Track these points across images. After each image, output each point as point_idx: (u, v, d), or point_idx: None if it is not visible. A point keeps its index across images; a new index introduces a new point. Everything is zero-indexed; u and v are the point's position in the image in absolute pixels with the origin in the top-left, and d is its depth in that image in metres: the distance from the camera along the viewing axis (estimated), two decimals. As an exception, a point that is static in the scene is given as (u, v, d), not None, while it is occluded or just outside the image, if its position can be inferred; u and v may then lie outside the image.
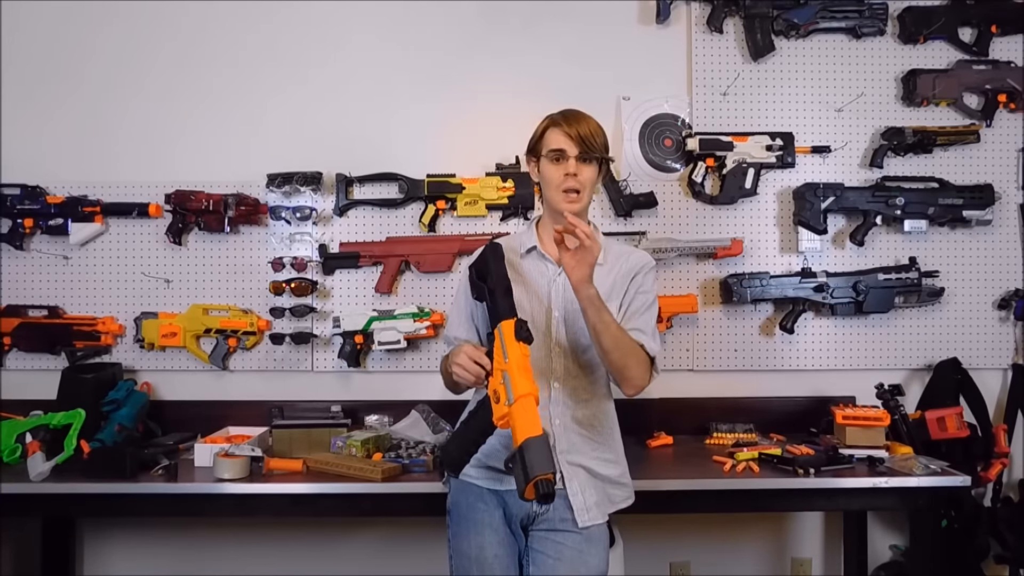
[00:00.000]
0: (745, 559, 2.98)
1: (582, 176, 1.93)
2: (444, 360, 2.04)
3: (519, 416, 1.69)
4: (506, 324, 1.78)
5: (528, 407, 1.70)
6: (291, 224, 2.86)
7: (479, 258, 1.93)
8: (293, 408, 2.81)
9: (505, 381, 1.73)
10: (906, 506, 2.42)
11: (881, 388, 2.70)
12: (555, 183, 1.94)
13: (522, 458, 1.64)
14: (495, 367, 1.77)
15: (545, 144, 1.96)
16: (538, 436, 1.66)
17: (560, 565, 1.89)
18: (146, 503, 2.37)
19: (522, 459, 1.64)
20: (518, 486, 1.66)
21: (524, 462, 1.64)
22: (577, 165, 1.92)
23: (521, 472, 1.64)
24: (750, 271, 2.86)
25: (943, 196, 2.85)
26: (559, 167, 1.93)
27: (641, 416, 2.65)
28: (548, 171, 1.95)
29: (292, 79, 2.93)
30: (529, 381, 1.72)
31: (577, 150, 1.92)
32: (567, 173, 1.92)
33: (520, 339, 1.75)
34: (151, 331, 2.83)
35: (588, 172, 1.94)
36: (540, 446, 1.65)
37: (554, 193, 1.95)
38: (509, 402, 1.70)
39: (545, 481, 1.63)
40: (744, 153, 2.86)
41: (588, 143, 1.92)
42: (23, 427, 2.50)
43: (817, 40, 2.93)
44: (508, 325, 1.78)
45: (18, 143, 2.91)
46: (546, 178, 1.96)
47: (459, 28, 2.93)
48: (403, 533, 2.91)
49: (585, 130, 1.93)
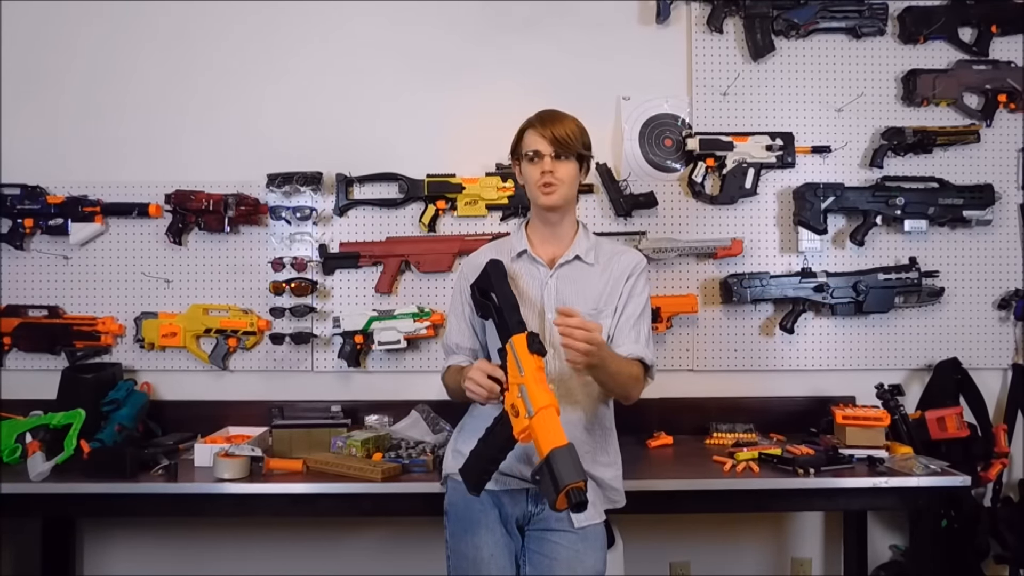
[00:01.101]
0: (745, 559, 2.97)
1: (559, 173, 1.98)
2: (446, 372, 2.05)
3: (541, 428, 1.69)
4: (518, 338, 1.80)
5: (550, 418, 1.70)
6: (291, 224, 2.86)
7: (481, 276, 1.96)
8: (293, 408, 2.82)
9: (523, 395, 1.73)
10: (906, 506, 2.42)
11: (881, 388, 2.70)
12: (533, 181, 2.00)
13: (550, 469, 1.64)
14: (511, 381, 1.77)
15: (524, 146, 2.02)
16: (564, 446, 1.66)
17: (556, 565, 1.89)
18: (146, 503, 2.37)
19: (550, 470, 1.64)
20: (548, 497, 1.65)
21: (553, 473, 1.63)
22: (553, 163, 1.97)
23: (551, 483, 1.64)
24: (750, 271, 2.86)
25: (943, 196, 2.85)
26: (536, 166, 1.99)
27: (641, 416, 2.64)
28: (527, 171, 2.02)
29: (292, 79, 2.93)
30: (548, 393, 1.73)
31: (551, 149, 1.97)
32: (543, 171, 1.97)
33: (534, 352, 1.76)
34: (151, 331, 2.83)
35: (565, 169, 1.98)
36: (567, 455, 1.65)
37: (533, 190, 2.01)
38: (529, 415, 1.71)
39: (576, 490, 1.63)
40: (744, 153, 2.86)
41: (563, 142, 1.97)
42: (23, 427, 2.50)
43: (817, 40, 2.93)
44: (520, 339, 1.79)
45: (18, 143, 2.91)
46: (526, 178, 2.03)
47: (459, 28, 2.93)
48: (403, 533, 2.91)
49: (560, 131, 1.97)
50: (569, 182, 1.99)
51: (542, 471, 1.66)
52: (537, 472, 1.67)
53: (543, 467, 1.65)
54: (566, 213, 2.04)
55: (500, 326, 1.87)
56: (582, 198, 2.86)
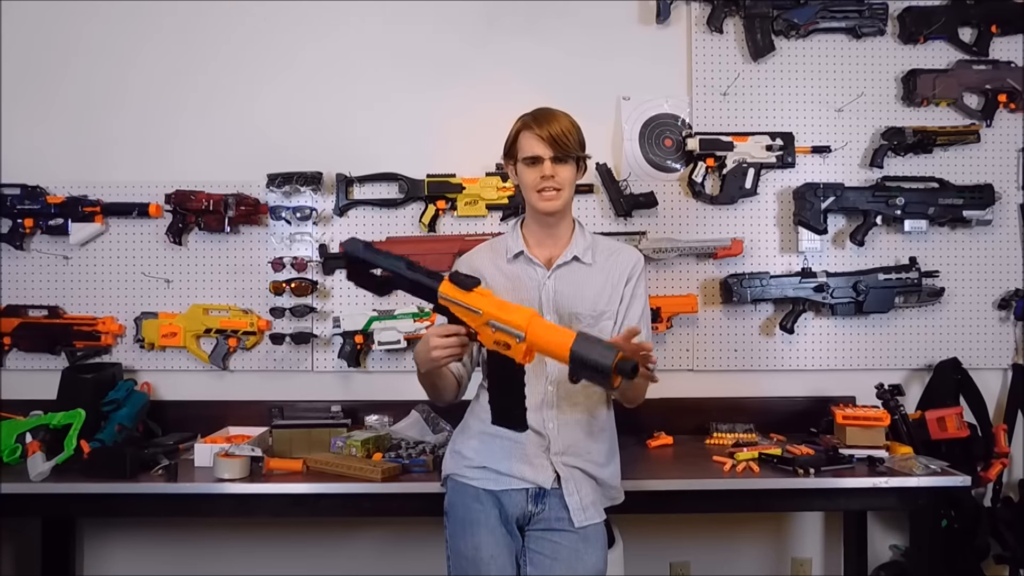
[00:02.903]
0: (745, 559, 2.97)
1: (559, 176, 1.94)
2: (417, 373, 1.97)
3: (542, 339, 1.64)
4: (446, 287, 1.70)
5: (543, 326, 1.65)
6: (291, 224, 2.86)
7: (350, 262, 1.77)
8: (293, 408, 2.81)
9: (499, 327, 1.66)
10: (906, 506, 2.42)
11: (881, 388, 2.70)
12: (531, 185, 1.96)
13: (583, 363, 1.59)
14: (474, 327, 1.69)
15: (520, 149, 1.97)
16: (577, 338, 1.61)
17: (557, 565, 1.89)
18: (146, 503, 2.37)
19: (584, 364, 1.59)
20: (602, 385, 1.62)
21: (589, 364, 1.58)
22: (553, 167, 1.94)
23: (595, 374, 1.58)
24: (750, 271, 2.86)
25: (943, 196, 2.85)
26: (535, 170, 1.95)
27: (641, 416, 2.61)
28: (524, 175, 1.97)
29: (293, 79, 2.93)
30: (519, 308, 1.67)
31: (551, 152, 1.93)
32: (543, 175, 1.93)
33: (471, 287, 1.68)
34: (151, 331, 2.83)
35: (564, 172, 1.95)
36: (586, 343, 1.60)
37: (531, 195, 1.97)
38: (520, 338, 1.64)
39: (619, 361, 1.57)
40: (744, 153, 2.86)
41: (561, 143, 1.93)
42: (23, 427, 2.49)
43: (817, 40, 2.93)
44: (448, 286, 1.69)
45: (18, 143, 2.91)
46: (523, 181, 1.98)
47: (459, 28, 2.93)
48: (403, 533, 2.91)
49: (557, 129, 1.93)
50: (569, 185, 1.97)
51: (578, 370, 1.60)
52: (574, 374, 1.61)
53: (577, 367, 1.60)
54: (564, 214, 2.03)
55: (414, 288, 1.73)
56: (582, 198, 2.86)
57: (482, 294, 1.69)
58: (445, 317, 1.75)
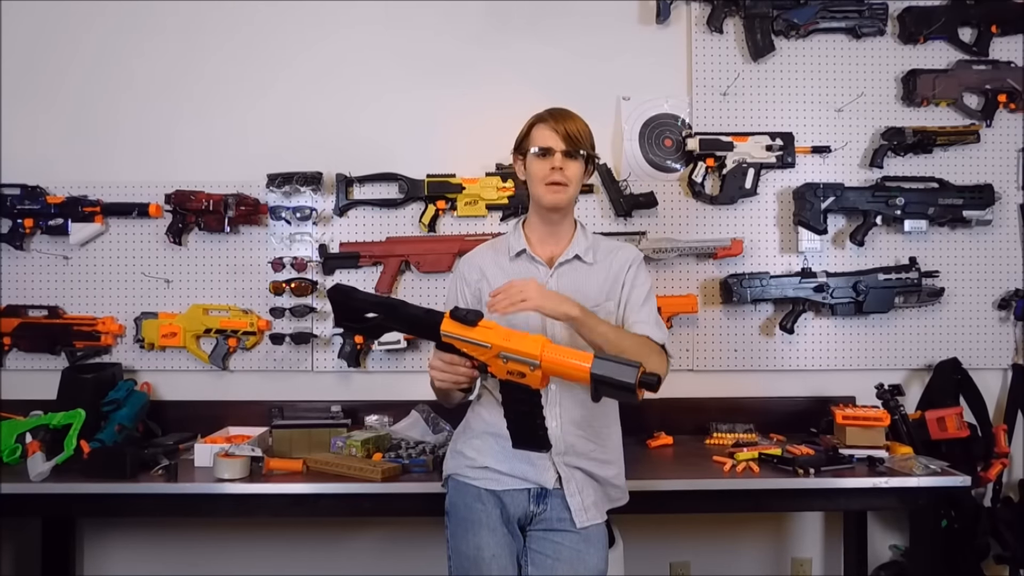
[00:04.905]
0: (745, 559, 2.98)
1: (568, 171, 1.95)
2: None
3: (560, 363, 1.63)
4: (448, 324, 1.69)
5: (556, 351, 1.65)
6: (291, 224, 2.86)
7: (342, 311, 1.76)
8: (293, 408, 2.81)
9: (512, 357, 1.65)
10: (906, 506, 2.42)
11: (881, 388, 2.70)
12: (540, 177, 1.96)
13: (607, 384, 1.59)
14: (485, 360, 1.69)
15: (532, 141, 1.98)
16: (595, 360, 1.60)
17: (559, 565, 1.89)
18: (146, 503, 2.37)
19: (608, 384, 1.59)
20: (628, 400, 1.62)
21: (613, 384, 1.58)
22: (563, 160, 1.94)
23: (619, 392, 1.59)
24: (750, 271, 2.86)
25: (943, 196, 2.85)
26: (545, 162, 1.95)
27: (641, 416, 2.65)
28: (534, 166, 1.97)
29: (293, 79, 2.93)
30: (529, 338, 1.67)
31: (564, 146, 1.94)
32: (553, 167, 1.94)
33: (475, 322, 1.68)
34: (151, 331, 2.83)
35: (574, 168, 1.96)
36: (605, 365, 1.59)
37: (538, 187, 1.97)
38: (535, 366, 1.64)
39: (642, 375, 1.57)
40: (744, 153, 2.86)
41: (574, 139, 1.94)
42: (23, 427, 2.50)
43: (817, 40, 2.93)
44: (451, 324, 1.69)
45: (18, 143, 2.91)
46: (532, 174, 1.98)
47: (460, 28, 2.93)
48: (403, 533, 2.91)
49: (572, 128, 1.95)
50: (576, 182, 1.98)
51: (600, 389, 1.60)
52: (595, 393, 1.61)
53: (598, 387, 1.59)
54: (567, 213, 2.04)
55: (415, 329, 1.72)
56: (582, 198, 2.86)
57: (487, 327, 1.69)
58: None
